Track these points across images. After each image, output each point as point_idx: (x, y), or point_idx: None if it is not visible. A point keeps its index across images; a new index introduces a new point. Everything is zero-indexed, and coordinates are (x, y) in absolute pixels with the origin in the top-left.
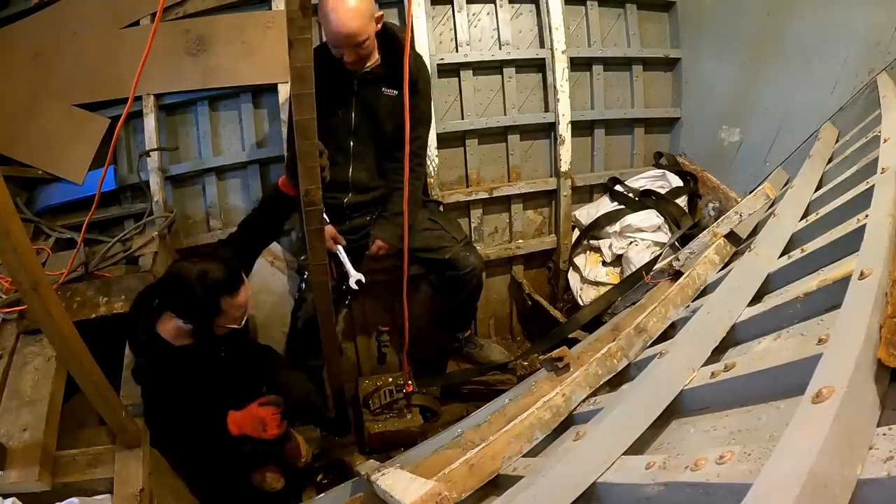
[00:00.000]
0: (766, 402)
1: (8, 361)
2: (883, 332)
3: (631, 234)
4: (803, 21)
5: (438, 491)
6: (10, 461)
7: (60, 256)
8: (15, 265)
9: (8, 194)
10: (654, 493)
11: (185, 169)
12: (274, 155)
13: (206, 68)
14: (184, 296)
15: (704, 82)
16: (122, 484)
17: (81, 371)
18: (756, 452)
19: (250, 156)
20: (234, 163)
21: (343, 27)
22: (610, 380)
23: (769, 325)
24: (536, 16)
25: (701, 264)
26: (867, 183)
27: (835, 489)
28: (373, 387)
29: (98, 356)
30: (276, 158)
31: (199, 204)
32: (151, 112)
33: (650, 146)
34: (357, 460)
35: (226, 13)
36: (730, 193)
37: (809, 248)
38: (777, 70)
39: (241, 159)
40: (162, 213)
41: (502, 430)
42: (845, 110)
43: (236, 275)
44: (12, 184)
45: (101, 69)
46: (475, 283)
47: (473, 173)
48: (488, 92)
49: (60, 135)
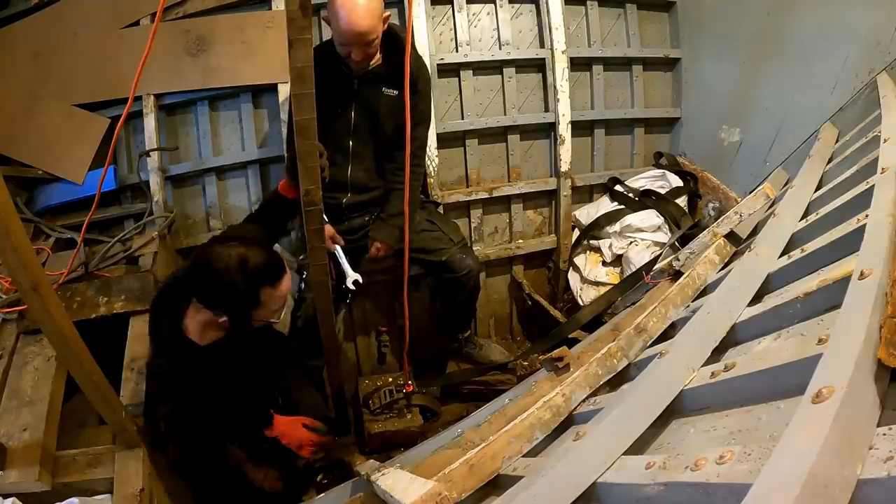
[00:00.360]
0: (766, 402)
1: (8, 361)
2: (883, 332)
3: (631, 234)
4: (803, 21)
5: (438, 491)
6: (10, 461)
7: (60, 256)
8: (15, 265)
9: (8, 194)
10: (654, 493)
11: (185, 169)
12: (274, 155)
13: (206, 68)
14: (218, 286)
15: (704, 82)
16: (122, 484)
17: (81, 371)
18: (756, 452)
19: (250, 156)
20: (234, 163)
21: (355, 25)
22: (610, 380)
23: (769, 325)
24: (536, 16)
25: (701, 264)
26: (867, 183)
27: (835, 489)
28: (373, 387)
29: (98, 356)
30: (276, 158)
31: (199, 204)
32: (151, 112)
33: (650, 146)
34: (357, 460)
35: (226, 13)
36: (730, 193)
37: (809, 248)
38: (777, 70)
39: (241, 159)
40: (162, 213)
41: (502, 430)
42: (845, 110)
43: (278, 262)
44: (12, 184)
45: (101, 69)
46: (472, 284)
47: (473, 173)
48: (488, 92)
49: (60, 135)
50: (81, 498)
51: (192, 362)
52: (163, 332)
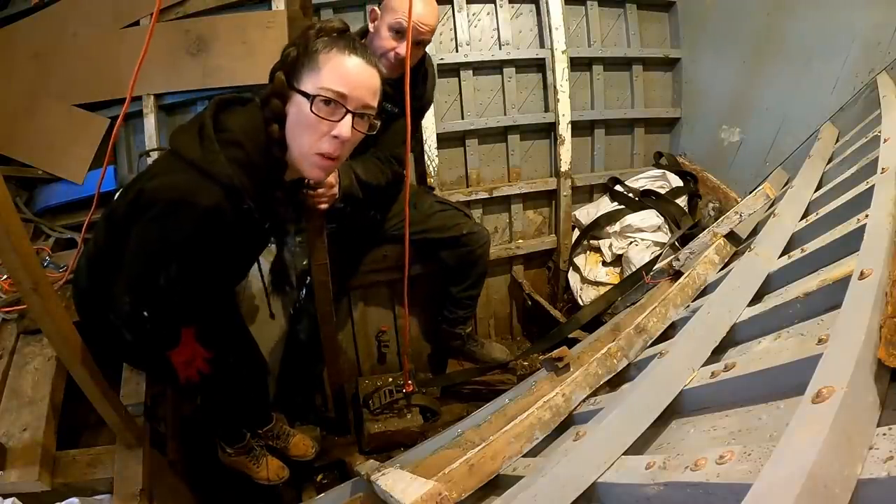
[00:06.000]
0: (766, 402)
1: (8, 361)
2: (883, 332)
3: (631, 234)
4: (803, 21)
5: (438, 491)
6: (10, 461)
7: (60, 256)
8: (15, 265)
9: (8, 194)
10: (654, 493)
11: None
12: None
13: (206, 68)
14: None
15: (704, 82)
16: (122, 484)
17: (81, 371)
18: (756, 452)
19: None
20: None
21: (426, 17)
22: (610, 380)
23: (769, 325)
24: (536, 16)
25: (701, 264)
26: (867, 183)
27: (835, 489)
28: (373, 387)
29: (98, 356)
30: None
31: None
32: (151, 112)
33: (650, 146)
34: (357, 460)
35: (226, 13)
36: (730, 193)
37: (809, 248)
38: (777, 70)
39: None
40: None
41: (502, 430)
42: (845, 110)
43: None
44: (12, 184)
45: (101, 69)
46: (483, 261)
47: (473, 173)
48: (488, 92)
49: (60, 135)
50: (81, 498)
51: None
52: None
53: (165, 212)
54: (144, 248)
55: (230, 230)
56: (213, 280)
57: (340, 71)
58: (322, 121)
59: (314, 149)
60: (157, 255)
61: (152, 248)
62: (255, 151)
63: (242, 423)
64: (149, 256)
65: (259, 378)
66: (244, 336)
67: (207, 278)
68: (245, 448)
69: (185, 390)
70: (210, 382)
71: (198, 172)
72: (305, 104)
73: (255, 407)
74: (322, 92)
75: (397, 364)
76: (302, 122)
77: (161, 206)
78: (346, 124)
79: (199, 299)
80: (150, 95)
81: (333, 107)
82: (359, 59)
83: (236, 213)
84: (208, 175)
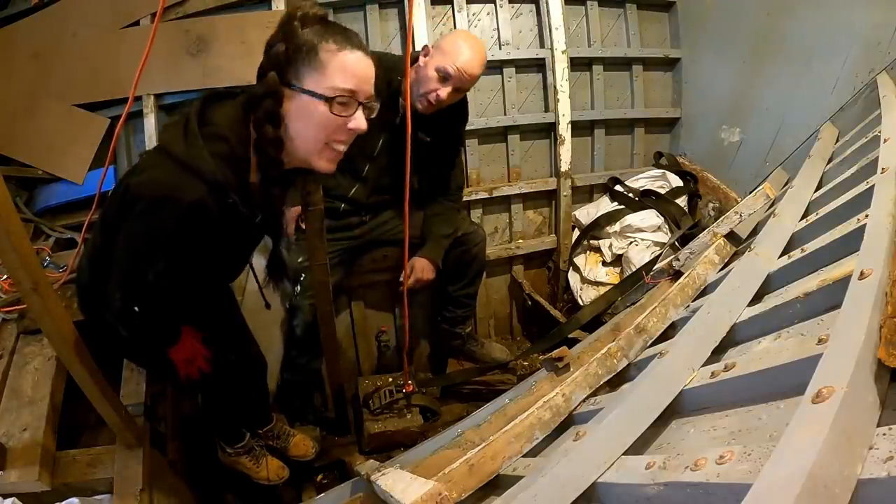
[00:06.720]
0: (766, 402)
1: (8, 361)
2: (883, 332)
3: (631, 234)
4: (803, 21)
5: (438, 491)
6: (10, 461)
7: (60, 256)
8: (15, 265)
9: (8, 194)
10: (654, 493)
11: None
12: None
13: (206, 68)
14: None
15: (704, 82)
16: (122, 484)
17: (81, 371)
18: (756, 452)
19: None
20: None
21: (471, 68)
22: (610, 380)
23: (769, 325)
24: (536, 16)
25: (701, 264)
26: (867, 183)
27: (835, 489)
28: (373, 387)
29: (98, 356)
30: None
31: None
32: (151, 112)
33: (650, 146)
34: (357, 460)
35: (226, 13)
36: (730, 193)
37: (809, 248)
38: (777, 70)
39: None
40: None
41: (502, 430)
42: (845, 110)
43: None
44: (12, 184)
45: (101, 69)
46: (481, 259)
47: (473, 173)
48: (488, 92)
49: (60, 135)
50: (81, 498)
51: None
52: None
53: (149, 208)
54: (131, 245)
55: (216, 225)
56: (204, 275)
57: (348, 69)
58: (336, 117)
59: (329, 143)
60: (144, 251)
61: (138, 243)
62: (240, 145)
63: (242, 422)
64: (135, 252)
65: (259, 377)
66: (244, 335)
67: (197, 274)
68: (245, 448)
69: (185, 388)
70: (210, 381)
71: (181, 167)
72: (314, 103)
73: (255, 406)
74: (338, 93)
75: (397, 364)
76: (313, 120)
77: (145, 202)
78: (361, 116)
79: (190, 295)
80: (150, 95)
81: (347, 103)
82: (360, 53)
83: (221, 207)
84: (191, 170)
